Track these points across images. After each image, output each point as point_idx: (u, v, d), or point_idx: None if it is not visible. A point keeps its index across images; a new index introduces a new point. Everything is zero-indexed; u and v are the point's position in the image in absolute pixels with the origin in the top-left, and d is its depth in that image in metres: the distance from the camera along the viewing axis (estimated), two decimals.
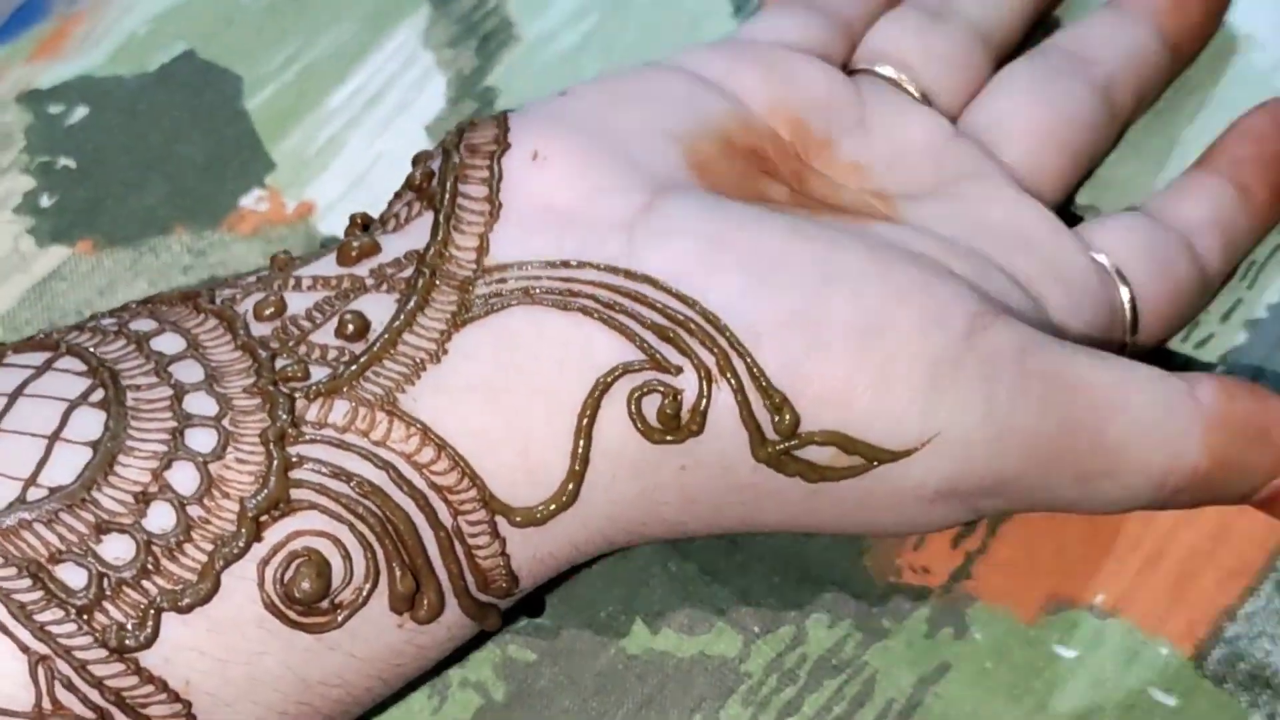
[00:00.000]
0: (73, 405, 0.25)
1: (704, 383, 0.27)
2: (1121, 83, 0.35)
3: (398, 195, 0.30)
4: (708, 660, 0.32)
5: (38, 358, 0.26)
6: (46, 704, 0.24)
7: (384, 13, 0.39)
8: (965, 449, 0.27)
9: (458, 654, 0.31)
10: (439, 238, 0.28)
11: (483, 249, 0.28)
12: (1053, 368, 0.28)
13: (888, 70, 0.34)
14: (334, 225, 0.36)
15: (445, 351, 0.27)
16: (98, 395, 0.25)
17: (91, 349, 0.26)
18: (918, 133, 0.33)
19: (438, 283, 0.27)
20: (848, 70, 0.34)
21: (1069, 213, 0.35)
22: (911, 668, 0.31)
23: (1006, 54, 0.36)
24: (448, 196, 0.28)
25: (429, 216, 0.28)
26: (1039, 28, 0.37)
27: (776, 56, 0.33)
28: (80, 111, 0.38)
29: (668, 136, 0.30)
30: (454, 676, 0.31)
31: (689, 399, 0.27)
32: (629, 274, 0.27)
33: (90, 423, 0.25)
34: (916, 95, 0.34)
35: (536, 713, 0.31)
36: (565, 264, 0.27)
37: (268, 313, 0.27)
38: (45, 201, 0.37)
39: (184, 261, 0.36)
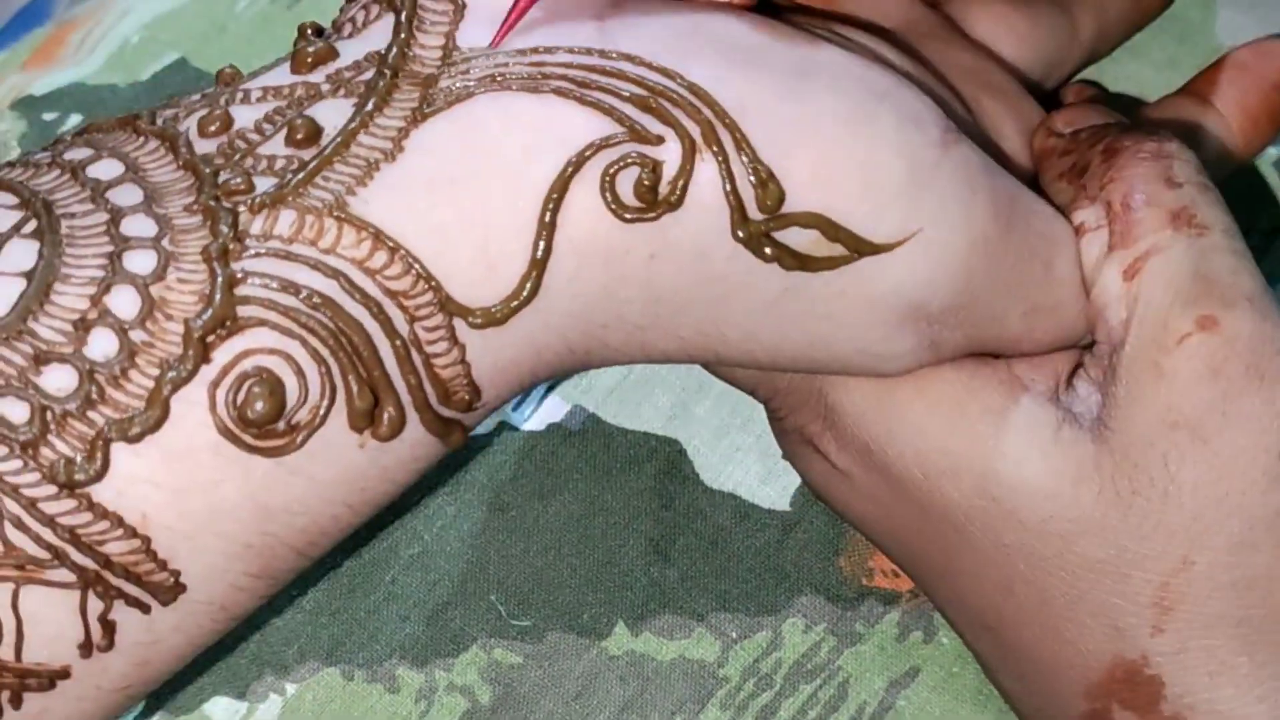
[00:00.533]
0: (4, 238, 0.24)
1: (687, 153, 0.26)
2: (1084, 9, 0.35)
3: (350, 0, 0.28)
4: (687, 664, 0.33)
5: None
6: None
7: None
8: (942, 252, 0.27)
9: (446, 653, 0.32)
10: (401, 37, 0.26)
11: (449, 48, 0.26)
12: (1013, 191, 0.28)
13: None
14: None
15: (401, 149, 0.25)
16: (30, 226, 0.24)
17: (24, 181, 0.25)
18: None
19: (399, 82, 0.26)
20: None
21: None
22: (883, 672, 0.33)
23: None
24: None
25: (389, 20, 0.27)
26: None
27: None
28: (74, 120, 0.38)
29: None
30: (441, 681, 0.32)
31: (669, 171, 0.26)
32: (604, 53, 0.26)
33: (24, 253, 0.24)
34: None
35: (521, 716, 0.32)
36: (535, 50, 0.26)
37: (212, 129, 0.26)
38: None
39: None
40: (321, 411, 0.25)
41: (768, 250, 0.26)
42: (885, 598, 0.33)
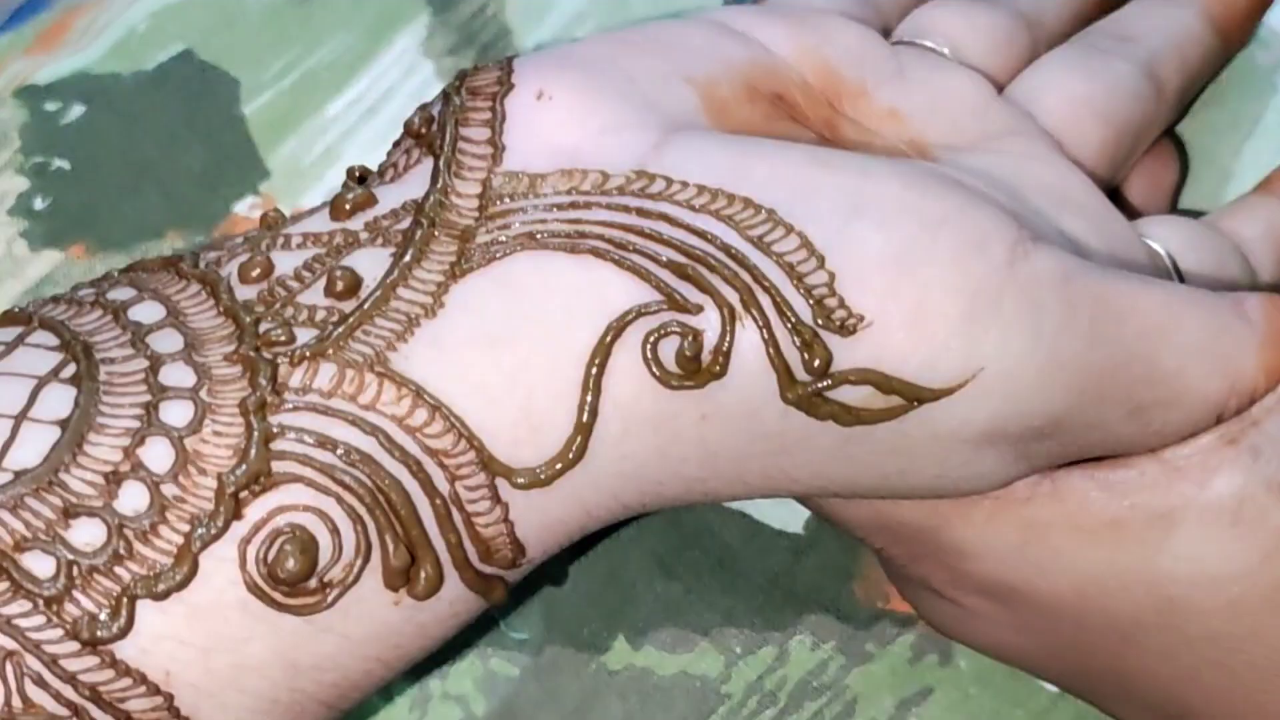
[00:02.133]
0: (42, 382, 0.24)
1: (727, 321, 0.25)
2: (1165, 60, 0.34)
3: (396, 143, 0.29)
4: (689, 680, 0.32)
5: (9, 333, 0.25)
6: (16, 702, 0.23)
7: (384, 22, 0.39)
8: (1011, 384, 0.26)
9: (442, 661, 0.32)
10: (439, 185, 0.26)
11: (485, 195, 0.26)
12: (1099, 292, 0.27)
13: (927, 42, 0.33)
14: None
15: (442, 305, 0.25)
16: (69, 370, 0.24)
17: (65, 321, 0.25)
18: (961, 89, 0.32)
19: (436, 233, 0.26)
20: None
21: None
22: (893, 691, 0.32)
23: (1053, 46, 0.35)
24: (448, 141, 0.27)
25: (428, 164, 0.27)
26: None
27: (807, 12, 0.31)
28: (76, 110, 0.37)
29: (683, 79, 0.28)
30: (435, 689, 0.32)
31: (710, 339, 0.25)
32: (641, 211, 0.26)
33: (60, 400, 0.24)
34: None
35: None
36: (573, 205, 0.26)
37: (253, 274, 0.26)
38: (39, 204, 0.36)
39: None
40: (355, 570, 0.24)
41: (821, 409, 0.26)
42: (901, 620, 0.32)
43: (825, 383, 0.25)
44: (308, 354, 0.24)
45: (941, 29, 0.33)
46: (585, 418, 0.25)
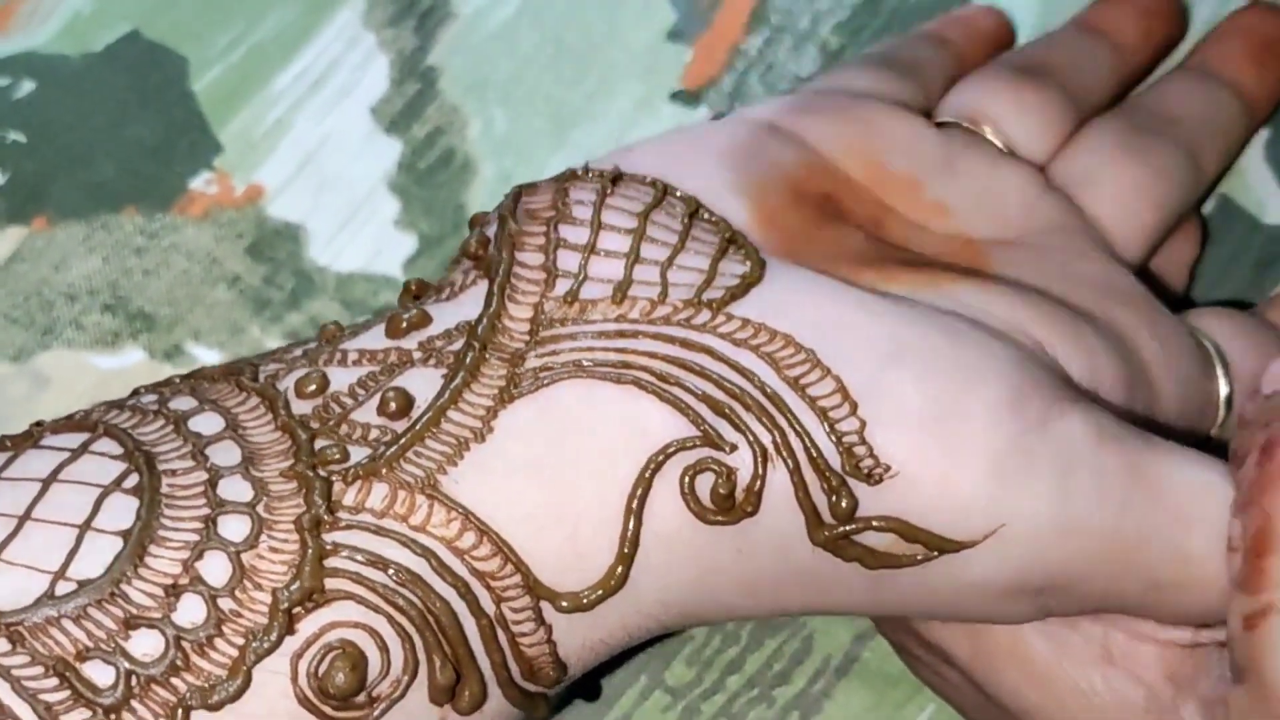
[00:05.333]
0: (106, 492, 0.25)
1: (759, 462, 0.26)
2: (1207, 143, 0.34)
3: (455, 261, 0.29)
4: None
5: (74, 439, 0.26)
6: None
7: None
8: (1034, 543, 0.26)
9: None
10: (491, 309, 0.27)
11: (536, 319, 0.27)
12: (1132, 462, 0.27)
13: (971, 123, 0.33)
14: (284, 209, 0.37)
15: (491, 429, 0.26)
16: (131, 481, 0.25)
17: (129, 430, 0.26)
18: (1010, 183, 0.32)
19: (487, 356, 0.26)
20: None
21: None
22: (849, 626, 0.33)
23: (1094, 115, 0.35)
24: (503, 266, 0.27)
25: (483, 286, 0.28)
26: None
27: (852, 104, 0.32)
28: (27, 86, 0.38)
29: (734, 191, 0.29)
30: None
31: (743, 478, 0.26)
32: (685, 343, 0.26)
33: (122, 510, 0.24)
34: (1002, 148, 0.33)
35: None
36: (620, 333, 0.27)
37: (310, 389, 0.26)
38: None
39: (137, 242, 0.36)
40: (403, 685, 0.25)
41: (847, 552, 0.26)
42: None
43: (851, 527, 0.26)
44: (361, 473, 0.25)
45: (991, 114, 0.33)
46: (627, 548, 0.26)
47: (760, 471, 0.26)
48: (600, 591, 0.26)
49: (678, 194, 0.29)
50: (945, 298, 0.28)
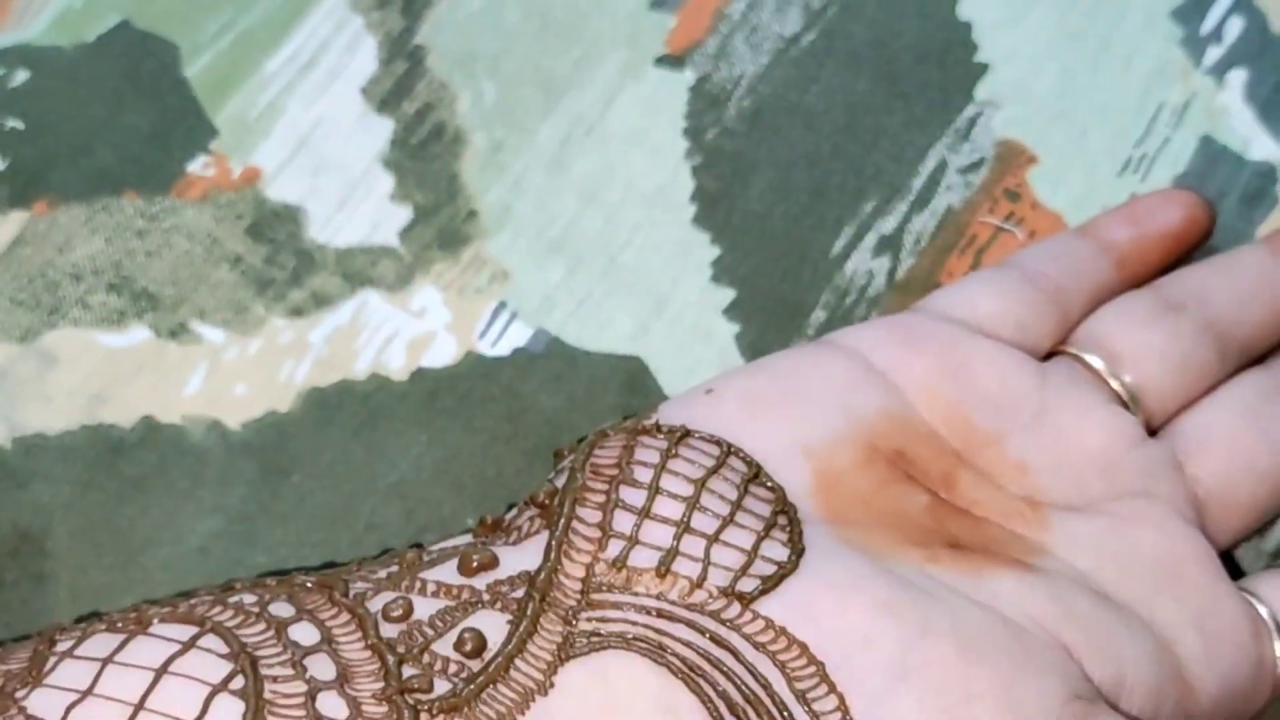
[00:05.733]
0: (214, 691, 0.26)
1: None
2: None
3: (524, 504, 0.30)
4: None
5: (183, 632, 0.27)
6: None
7: None
8: None
9: None
10: (549, 562, 0.28)
11: (589, 580, 0.28)
12: None
13: (1093, 360, 0.33)
14: (282, 191, 0.37)
15: (552, 685, 0.27)
16: (238, 683, 0.26)
17: (233, 629, 0.27)
18: (1097, 438, 0.32)
19: (546, 609, 0.28)
20: (1055, 351, 0.33)
21: None
22: None
23: (1252, 361, 0.34)
24: (562, 520, 0.29)
25: (544, 536, 0.29)
26: None
27: (955, 342, 0.32)
28: (21, 75, 0.38)
29: (803, 453, 0.30)
30: None
31: None
32: (714, 638, 0.28)
33: (229, 712, 0.25)
34: (1120, 391, 0.33)
35: None
36: (660, 613, 0.28)
37: (395, 614, 0.28)
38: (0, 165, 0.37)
39: (138, 225, 0.37)
40: None
41: None
42: None
43: None
44: (445, 706, 0.26)
45: (1110, 345, 0.33)
46: None
47: None
48: None
49: (740, 454, 0.30)
50: (984, 588, 0.29)
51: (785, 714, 0.27)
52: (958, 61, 0.40)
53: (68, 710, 0.25)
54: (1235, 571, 0.33)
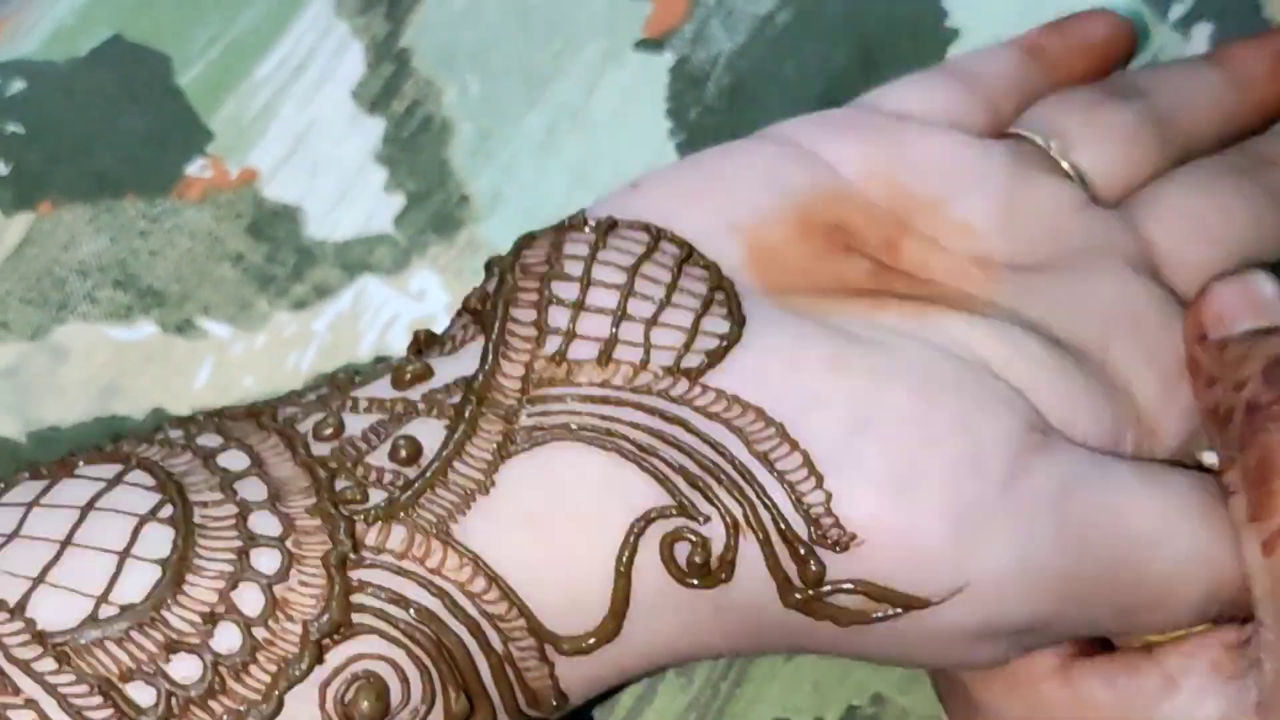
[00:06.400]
0: (142, 521, 0.26)
1: (730, 533, 0.27)
2: None
3: (458, 315, 0.30)
4: None
5: (108, 470, 0.27)
6: None
7: None
8: (998, 595, 0.27)
9: None
10: (486, 366, 0.28)
11: (528, 378, 0.28)
12: (1097, 505, 0.28)
13: (1039, 139, 0.33)
14: (279, 190, 0.38)
15: (493, 483, 0.27)
16: (166, 511, 0.26)
17: (159, 462, 0.27)
18: (1045, 199, 0.32)
19: (484, 411, 0.28)
20: (1001, 137, 0.33)
21: None
22: None
23: (1194, 155, 0.34)
24: (497, 323, 0.29)
25: (480, 341, 0.29)
26: None
27: (885, 122, 0.32)
28: (18, 84, 0.39)
29: (733, 229, 0.30)
30: None
31: (716, 548, 0.27)
32: (663, 415, 0.28)
33: (159, 540, 0.25)
34: (1069, 171, 0.33)
35: None
36: (605, 399, 0.28)
37: (326, 433, 0.28)
38: (2, 169, 0.38)
39: (140, 225, 0.38)
40: (420, 714, 0.26)
41: (819, 613, 0.28)
42: None
43: (822, 589, 0.27)
44: (381, 515, 0.26)
45: (1053, 125, 0.33)
46: (617, 605, 0.27)
47: (732, 542, 0.27)
48: (595, 639, 0.27)
49: (670, 238, 0.30)
50: (932, 329, 0.29)
51: (747, 477, 0.27)
52: (928, 28, 0.41)
53: None
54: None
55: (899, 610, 0.27)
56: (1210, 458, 0.30)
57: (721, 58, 0.40)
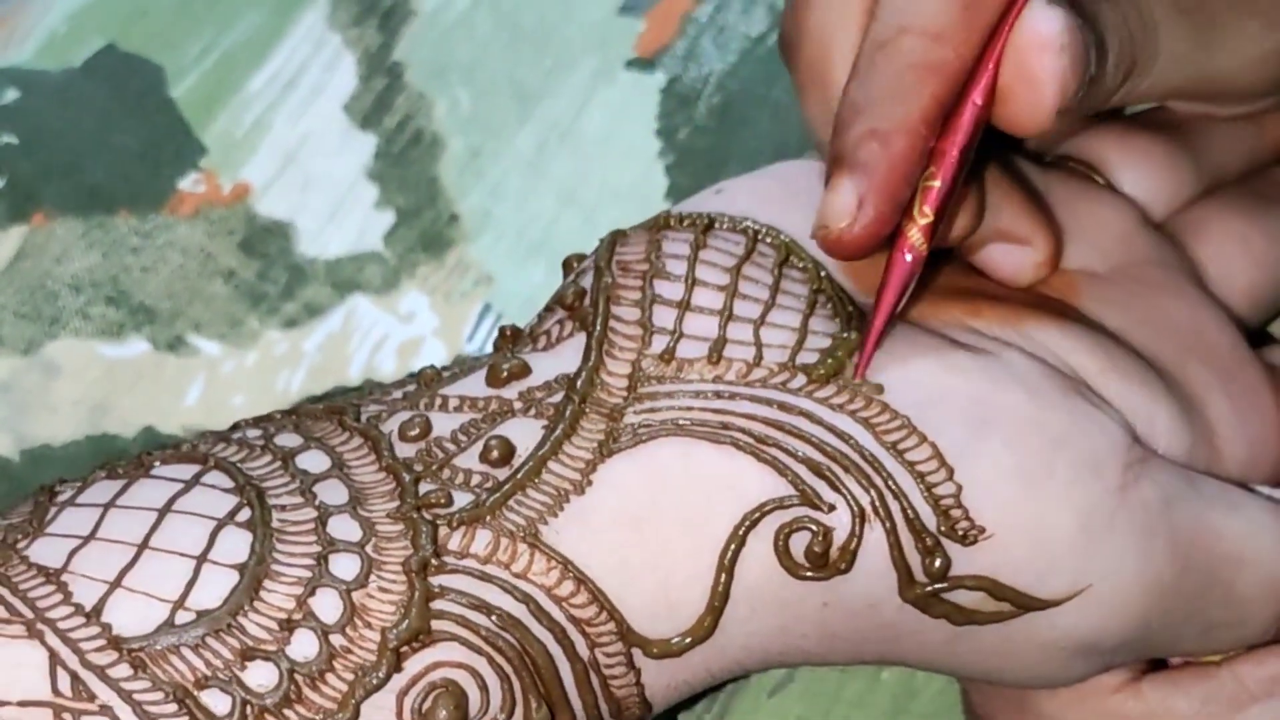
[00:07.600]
0: (220, 525, 0.25)
1: (856, 522, 0.27)
2: None
3: (548, 309, 0.30)
4: None
5: (185, 471, 0.26)
6: None
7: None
8: (1115, 601, 0.27)
9: None
10: (590, 364, 0.28)
11: (635, 376, 0.28)
12: (1194, 519, 0.28)
13: (1081, 164, 0.33)
14: (271, 206, 0.39)
15: (590, 483, 0.27)
16: (244, 515, 0.25)
17: (238, 464, 0.27)
18: (1109, 212, 0.32)
19: (587, 410, 0.27)
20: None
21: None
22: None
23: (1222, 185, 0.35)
24: (599, 320, 0.28)
25: (580, 338, 0.28)
26: None
27: None
28: (11, 94, 0.39)
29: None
30: None
31: (839, 537, 0.27)
32: (783, 406, 0.27)
33: (237, 544, 0.25)
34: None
35: None
36: (717, 394, 0.27)
37: (412, 434, 0.27)
38: None
39: (132, 242, 0.38)
40: None
41: (935, 609, 0.27)
42: None
43: (942, 585, 0.27)
44: (465, 519, 0.26)
45: (1096, 152, 0.33)
46: (717, 601, 0.27)
47: (857, 531, 0.27)
48: (689, 639, 0.27)
49: (768, 240, 0.30)
50: (1026, 338, 0.29)
51: (875, 466, 0.27)
52: None
53: (70, 556, 0.25)
54: None
55: (1018, 610, 0.27)
56: (1266, 490, 0.31)
57: (713, 77, 0.41)
